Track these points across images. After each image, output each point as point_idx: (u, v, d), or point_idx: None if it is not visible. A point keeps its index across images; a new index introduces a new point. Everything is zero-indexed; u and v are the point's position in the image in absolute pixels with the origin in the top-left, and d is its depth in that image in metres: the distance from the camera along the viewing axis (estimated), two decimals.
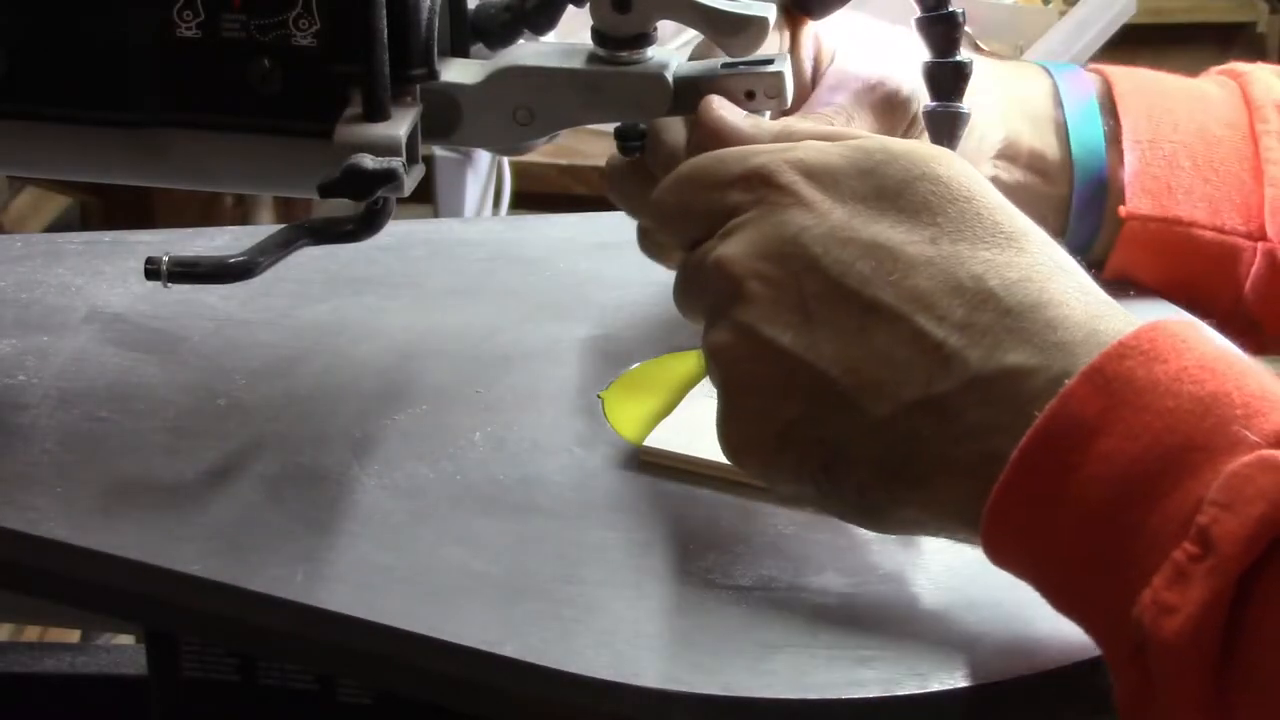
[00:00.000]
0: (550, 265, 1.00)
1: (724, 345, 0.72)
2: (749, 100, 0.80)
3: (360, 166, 0.76)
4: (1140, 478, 0.64)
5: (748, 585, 0.74)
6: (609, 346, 0.91)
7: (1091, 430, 0.65)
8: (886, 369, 0.69)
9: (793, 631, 0.72)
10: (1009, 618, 0.72)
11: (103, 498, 0.80)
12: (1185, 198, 0.93)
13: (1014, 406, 0.67)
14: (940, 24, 0.82)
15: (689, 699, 0.69)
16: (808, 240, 0.71)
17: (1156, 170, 0.93)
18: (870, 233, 0.71)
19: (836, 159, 0.73)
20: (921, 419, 0.68)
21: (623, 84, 0.80)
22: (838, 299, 0.70)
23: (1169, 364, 0.65)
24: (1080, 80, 0.95)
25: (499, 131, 0.82)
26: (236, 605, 0.74)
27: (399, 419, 0.85)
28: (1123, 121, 0.93)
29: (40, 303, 0.96)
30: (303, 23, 0.78)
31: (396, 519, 0.78)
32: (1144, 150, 0.93)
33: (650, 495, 0.80)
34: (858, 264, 0.70)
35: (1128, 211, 0.92)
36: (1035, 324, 0.68)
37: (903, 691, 0.69)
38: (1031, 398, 0.66)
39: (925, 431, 0.68)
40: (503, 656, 0.70)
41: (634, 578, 0.75)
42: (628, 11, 0.79)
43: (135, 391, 0.88)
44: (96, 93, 0.81)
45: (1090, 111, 0.94)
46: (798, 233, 0.71)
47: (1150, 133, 0.93)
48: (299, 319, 0.94)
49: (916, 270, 0.70)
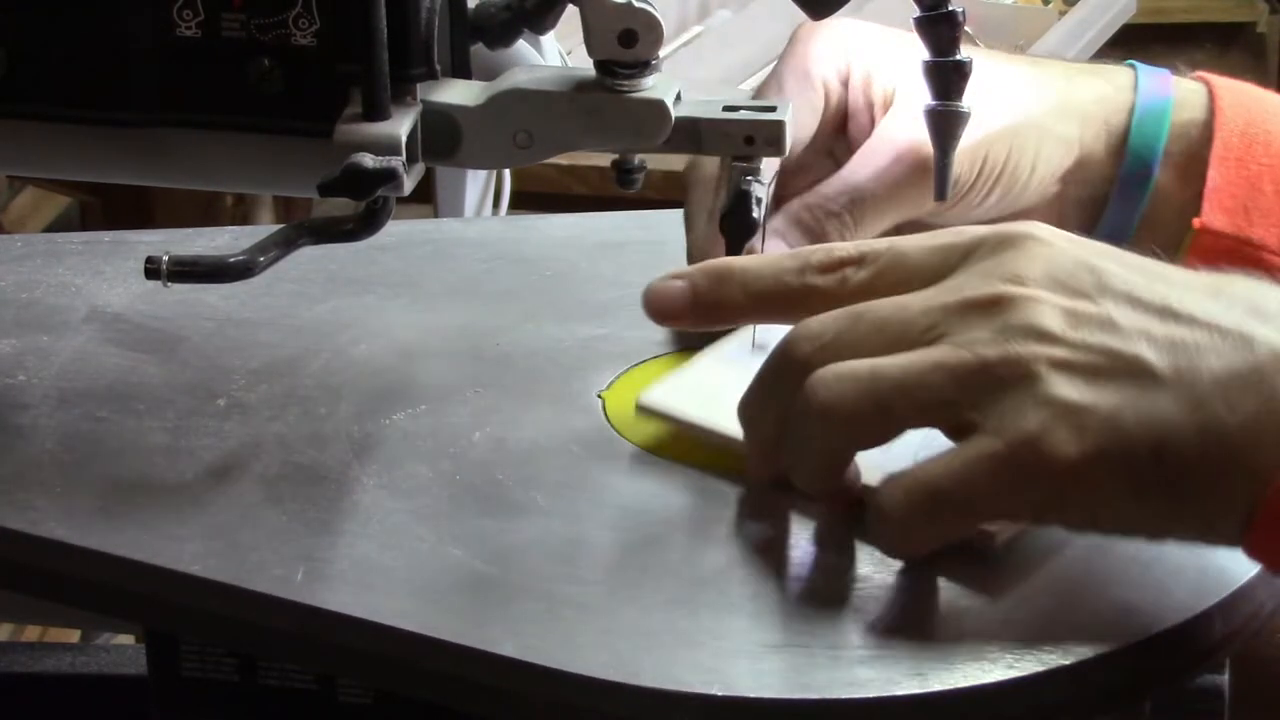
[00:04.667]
0: (550, 265, 1.00)
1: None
2: (748, 145, 0.81)
3: (360, 166, 0.76)
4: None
5: (747, 585, 0.74)
6: (609, 346, 0.91)
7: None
8: (1194, 353, 0.69)
9: (793, 631, 0.72)
10: (1009, 618, 0.72)
11: (103, 498, 0.80)
12: (1262, 220, 0.93)
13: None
14: (940, 23, 0.82)
15: (689, 699, 0.69)
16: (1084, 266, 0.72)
17: (1237, 190, 0.93)
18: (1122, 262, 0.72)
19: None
20: (1237, 391, 0.68)
21: (623, 110, 0.80)
22: (1134, 308, 0.71)
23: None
24: (1161, 80, 0.96)
25: (499, 153, 0.82)
26: (236, 605, 0.74)
27: (399, 419, 0.85)
28: (1216, 135, 0.93)
29: (40, 303, 0.96)
30: (302, 22, 0.78)
31: (396, 519, 0.78)
32: (1230, 168, 0.93)
33: (650, 495, 0.80)
34: (1137, 278, 0.71)
35: (1202, 224, 0.93)
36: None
37: (903, 691, 0.69)
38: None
39: (1238, 402, 0.68)
40: (503, 656, 0.70)
41: (634, 578, 0.75)
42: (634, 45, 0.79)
43: (135, 391, 0.88)
44: (96, 93, 0.81)
45: (1161, 110, 0.94)
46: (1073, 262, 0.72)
47: (1241, 151, 0.93)
48: (299, 319, 0.94)
49: (1178, 285, 0.71)
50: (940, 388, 0.70)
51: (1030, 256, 0.72)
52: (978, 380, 0.70)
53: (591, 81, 0.80)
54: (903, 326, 0.72)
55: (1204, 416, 0.68)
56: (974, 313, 0.71)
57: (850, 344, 0.73)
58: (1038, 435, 0.69)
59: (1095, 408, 0.69)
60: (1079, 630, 0.70)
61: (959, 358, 0.70)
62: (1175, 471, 0.68)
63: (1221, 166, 0.93)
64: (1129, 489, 0.69)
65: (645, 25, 0.78)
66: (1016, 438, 0.69)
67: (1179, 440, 0.68)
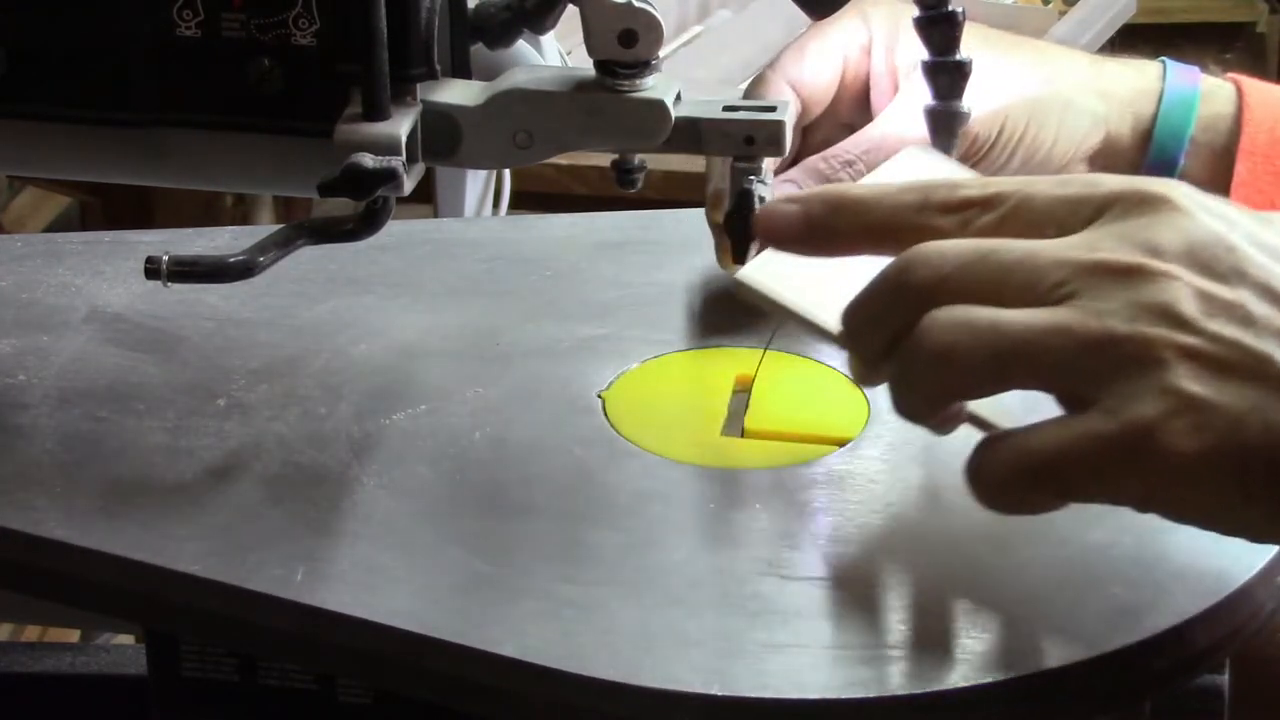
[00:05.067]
0: (550, 265, 1.00)
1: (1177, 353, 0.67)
2: (748, 145, 0.81)
3: (360, 166, 0.76)
4: None
5: (748, 585, 0.74)
6: (609, 346, 0.91)
7: None
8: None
9: (793, 631, 0.72)
10: (1009, 618, 0.72)
11: (103, 498, 0.80)
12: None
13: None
14: (940, 23, 0.82)
15: (689, 699, 0.69)
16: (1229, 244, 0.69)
17: (1264, 184, 0.93)
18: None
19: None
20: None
21: (624, 110, 0.80)
22: (1270, 301, 0.68)
23: None
24: (1189, 73, 0.96)
25: (499, 153, 0.82)
26: (236, 605, 0.74)
27: (399, 419, 0.85)
28: (1243, 131, 0.93)
29: (40, 303, 0.96)
30: (302, 22, 0.78)
31: (396, 519, 0.78)
32: (1256, 163, 0.93)
33: (650, 495, 0.80)
34: (1275, 266, 0.68)
35: None
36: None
37: (903, 691, 0.69)
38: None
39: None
40: (503, 656, 0.70)
41: (634, 578, 0.75)
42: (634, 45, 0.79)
43: (135, 391, 0.88)
44: (96, 92, 0.81)
45: (1188, 100, 0.94)
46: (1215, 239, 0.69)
47: (1268, 147, 0.93)
48: (299, 319, 0.94)
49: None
50: (1062, 354, 0.67)
51: (1170, 226, 0.68)
52: (1103, 354, 0.67)
53: (591, 81, 0.80)
54: (1031, 276, 0.69)
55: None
56: (1108, 278, 0.68)
57: (973, 283, 0.69)
58: (1154, 424, 0.66)
59: (1218, 405, 0.66)
60: (1079, 631, 0.70)
61: (1086, 326, 0.67)
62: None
63: (1249, 160, 0.93)
64: (1239, 492, 0.66)
65: (645, 25, 0.78)
66: (1132, 423, 0.66)
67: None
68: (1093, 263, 0.68)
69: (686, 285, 0.96)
